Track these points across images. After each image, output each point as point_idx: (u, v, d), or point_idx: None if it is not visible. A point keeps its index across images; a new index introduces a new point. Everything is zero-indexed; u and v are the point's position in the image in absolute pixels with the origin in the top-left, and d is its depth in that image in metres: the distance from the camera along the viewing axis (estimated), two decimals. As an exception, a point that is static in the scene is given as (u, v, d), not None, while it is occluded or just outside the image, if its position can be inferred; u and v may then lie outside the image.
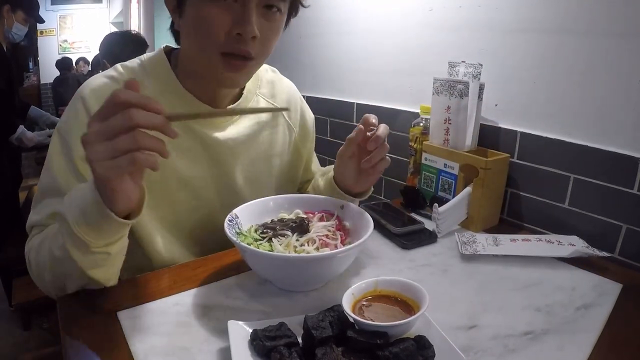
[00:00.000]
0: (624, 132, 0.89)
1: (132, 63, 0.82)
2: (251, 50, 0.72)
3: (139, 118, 0.50)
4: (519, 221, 1.07)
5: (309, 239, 0.72)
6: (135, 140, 0.50)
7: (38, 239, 0.71)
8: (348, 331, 0.55)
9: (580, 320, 0.67)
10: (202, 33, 0.71)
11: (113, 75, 0.79)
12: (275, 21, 0.74)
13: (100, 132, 0.50)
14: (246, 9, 0.69)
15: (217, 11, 0.69)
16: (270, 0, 0.71)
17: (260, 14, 0.71)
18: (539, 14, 0.99)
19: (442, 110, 1.06)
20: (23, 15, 2.23)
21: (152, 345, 0.59)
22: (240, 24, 0.69)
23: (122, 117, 0.49)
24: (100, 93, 0.76)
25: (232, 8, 0.69)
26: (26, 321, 2.09)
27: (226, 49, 0.71)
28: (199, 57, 0.75)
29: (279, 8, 0.73)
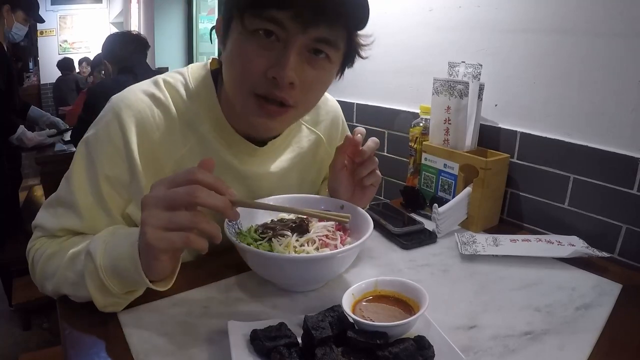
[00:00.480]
0: (624, 132, 0.89)
1: (175, 80, 0.77)
2: (288, 98, 0.65)
3: (203, 197, 0.51)
4: (519, 221, 1.07)
5: (309, 239, 0.72)
6: (193, 220, 0.51)
7: (49, 249, 0.69)
8: (348, 331, 0.55)
9: (580, 320, 0.67)
10: (237, 70, 0.66)
11: (154, 93, 0.74)
12: (321, 69, 0.66)
13: (163, 199, 0.52)
14: (286, 51, 0.62)
15: (256, 48, 0.63)
16: (317, 45, 0.63)
17: (305, 59, 0.64)
18: (538, 14, 0.99)
19: (442, 111, 1.06)
20: (23, 15, 2.23)
21: (152, 345, 0.59)
22: (277, 67, 0.62)
23: (187, 191, 0.51)
24: (138, 111, 0.72)
25: (273, 47, 0.62)
26: (26, 321, 2.09)
27: (260, 91, 0.65)
28: (234, 95, 0.70)
29: (328, 55, 0.65)
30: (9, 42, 2.28)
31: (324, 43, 0.64)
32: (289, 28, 0.61)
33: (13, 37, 2.25)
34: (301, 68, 0.64)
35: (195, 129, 0.76)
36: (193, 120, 0.76)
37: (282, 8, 0.60)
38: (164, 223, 0.51)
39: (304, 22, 0.60)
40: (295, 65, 0.62)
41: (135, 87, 0.76)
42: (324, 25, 0.62)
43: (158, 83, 0.76)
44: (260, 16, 0.61)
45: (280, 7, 0.60)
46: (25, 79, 5.69)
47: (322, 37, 0.63)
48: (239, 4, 0.63)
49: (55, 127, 2.55)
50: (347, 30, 0.66)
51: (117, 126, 0.71)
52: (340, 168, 0.80)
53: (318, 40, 0.63)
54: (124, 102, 0.73)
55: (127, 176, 0.72)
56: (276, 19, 0.61)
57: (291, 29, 0.61)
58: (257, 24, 0.62)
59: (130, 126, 0.71)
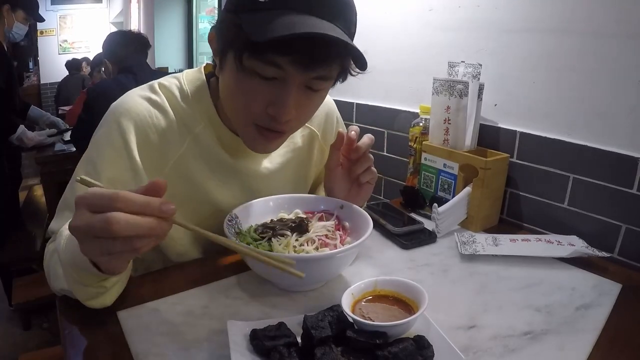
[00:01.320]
0: (624, 132, 0.89)
1: (171, 83, 0.78)
2: (287, 128, 0.69)
3: (120, 229, 0.44)
4: (518, 221, 1.07)
5: (309, 239, 0.72)
6: (132, 246, 0.46)
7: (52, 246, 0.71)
8: (347, 331, 0.55)
9: (580, 320, 0.67)
10: (237, 104, 0.69)
11: (150, 97, 0.76)
12: (317, 98, 0.70)
13: (85, 229, 0.46)
14: (284, 91, 0.64)
15: (255, 86, 0.64)
16: (314, 81, 0.65)
17: (302, 93, 0.66)
18: (538, 14, 0.99)
19: (441, 110, 1.06)
20: (23, 14, 2.23)
21: (152, 345, 0.59)
22: (276, 106, 0.64)
23: (103, 223, 0.44)
24: (137, 114, 0.74)
25: (271, 85, 0.64)
26: (26, 321, 2.09)
27: (260, 123, 0.68)
28: (235, 121, 0.73)
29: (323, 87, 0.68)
30: (9, 41, 2.27)
31: (321, 79, 0.66)
32: (289, 71, 0.62)
33: (13, 37, 2.25)
34: (298, 102, 0.66)
35: (191, 129, 0.77)
36: (189, 121, 0.77)
37: (284, 54, 0.60)
38: (105, 251, 0.46)
39: (303, 65, 0.62)
40: (293, 102, 0.65)
41: (132, 92, 0.78)
42: (322, 67, 0.64)
43: (154, 87, 0.78)
44: (260, 59, 0.62)
45: (281, 54, 0.60)
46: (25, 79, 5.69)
47: (319, 75, 0.65)
48: (237, 45, 0.62)
49: (55, 127, 2.55)
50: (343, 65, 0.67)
51: (117, 130, 0.73)
52: (335, 166, 0.81)
53: (315, 78, 0.65)
54: (123, 107, 0.75)
55: (129, 174, 0.73)
56: (275, 63, 0.61)
57: (291, 72, 0.62)
58: (255, 65, 0.62)
59: (130, 128, 0.73)
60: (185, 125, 0.77)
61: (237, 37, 0.61)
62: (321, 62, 0.63)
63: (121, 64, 2.07)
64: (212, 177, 0.80)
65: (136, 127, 0.74)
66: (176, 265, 0.81)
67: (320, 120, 0.95)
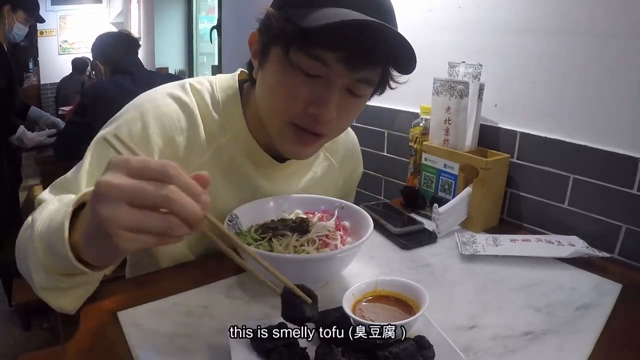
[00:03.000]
0: (624, 132, 0.89)
1: (203, 87, 0.76)
2: (325, 130, 0.67)
3: (178, 206, 0.39)
4: (518, 221, 1.07)
5: (309, 239, 0.72)
6: (170, 227, 0.40)
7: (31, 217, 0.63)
8: (348, 331, 0.55)
9: (580, 320, 0.67)
10: (277, 100, 0.66)
11: (181, 97, 0.74)
12: (358, 104, 0.69)
13: (130, 194, 0.39)
14: (328, 90, 0.63)
15: (298, 82, 0.63)
16: (357, 85, 0.65)
17: (343, 95, 0.65)
18: (538, 14, 0.99)
19: (442, 111, 1.06)
20: (24, 15, 2.22)
21: (152, 345, 0.59)
22: (319, 104, 0.63)
23: (162, 193, 0.39)
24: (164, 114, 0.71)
25: (315, 83, 0.63)
26: (26, 321, 2.09)
27: (299, 123, 0.66)
28: (269, 121, 0.70)
29: (364, 94, 0.68)
30: (9, 42, 2.27)
31: (364, 83, 0.66)
32: (335, 69, 0.62)
33: (14, 37, 2.24)
34: (339, 104, 0.65)
35: (217, 139, 0.76)
36: (216, 130, 0.75)
37: (333, 50, 0.60)
38: (135, 225, 0.39)
39: (351, 64, 0.61)
40: (335, 102, 0.64)
41: (162, 89, 0.75)
42: (369, 68, 0.63)
43: (185, 87, 0.76)
44: (307, 53, 0.61)
45: (330, 49, 0.60)
46: (25, 79, 5.69)
47: (363, 78, 0.64)
48: (286, 36, 0.61)
49: (55, 127, 2.55)
50: (385, 68, 0.67)
51: (140, 126, 0.70)
52: None
53: (359, 80, 0.65)
54: (152, 103, 0.72)
55: None
56: (323, 59, 0.61)
57: (337, 69, 0.62)
58: (302, 60, 0.62)
59: (155, 129, 0.71)
60: (212, 134, 0.75)
61: (285, 29, 0.60)
62: (368, 61, 0.62)
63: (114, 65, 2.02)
64: (229, 190, 0.79)
65: (162, 128, 0.71)
66: (176, 265, 0.81)
67: (342, 154, 0.95)
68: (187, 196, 0.40)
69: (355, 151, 1.00)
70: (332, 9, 0.57)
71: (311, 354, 0.54)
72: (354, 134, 1.01)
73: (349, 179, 1.00)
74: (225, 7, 2.49)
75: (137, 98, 0.74)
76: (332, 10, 0.57)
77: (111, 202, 0.38)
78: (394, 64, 0.66)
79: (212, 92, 0.77)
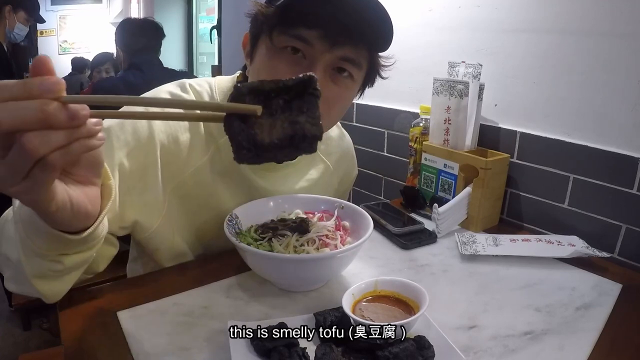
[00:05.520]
0: (624, 132, 0.89)
1: (202, 88, 0.78)
2: None
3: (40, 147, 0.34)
4: (518, 221, 1.07)
5: (309, 239, 0.72)
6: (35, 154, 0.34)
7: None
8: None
9: (580, 320, 0.67)
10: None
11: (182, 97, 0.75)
12: (344, 87, 0.69)
13: None
14: (313, 68, 0.64)
15: (283, 64, 0.65)
16: (342, 63, 0.66)
17: (330, 76, 0.66)
18: (538, 14, 0.99)
19: (442, 111, 1.06)
20: (24, 15, 2.23)
21: (152, 345, 0.59)
22: None
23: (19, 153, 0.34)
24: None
25: (300, 63, 0.65)
26: (26, 321, 2.08)
27: None
28: None
29: (351, 74, 0.68)
30: (9, 42, 2.28)
31: (348, 62, 0.67)
32: (316, 46, 0.64)
33: (14, 37, 2.25)
34: (326, 85, 0.66)
35: (216, 139, 0.77)
36: (215, 130, 0.77)
37: (311, 27, 0.62)
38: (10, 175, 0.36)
39: (330, 41, 0.63)
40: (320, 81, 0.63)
41: (163, 87, 0.77)
42: (349, 45, 0.65)
43: (185, 87, 0.77)
44: (288, 33, 0.63)
45: (308, 27, 0.62)
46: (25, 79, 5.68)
47: (346, 56, 0.66)
48: (268, 22, 0.65)
49: None
50: (370, 51, 0.69)
51: (146, 122, 0.72)
52: None
53: (343, 59, 0.66)
54: None
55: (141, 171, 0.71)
56: (304, 37, 0.63)
57: (318, 47, 0.64)
58: (285, 40, 0.64)
59: (160, 126, 0.72)
60: (211, 134, 0.77)
61: (267, 15, 0.64)
62: (349, 38, 0.64)
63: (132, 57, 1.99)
64: (227, 190, 0.80)
65: (167, 126, 0.73)
66: (176, 265, 0.81)
67: (337, 157, 0.96)
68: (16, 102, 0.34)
69: (350, 154, 1.02)
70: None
71: (311, 354, 0.54)
72: (349, 137, 1.02)
73: (343, 181, 1.01)
74: (225, 7, 2.49)
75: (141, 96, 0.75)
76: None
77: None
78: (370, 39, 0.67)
79: (211, 93, 0.78)
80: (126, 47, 2.04)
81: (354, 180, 1.07)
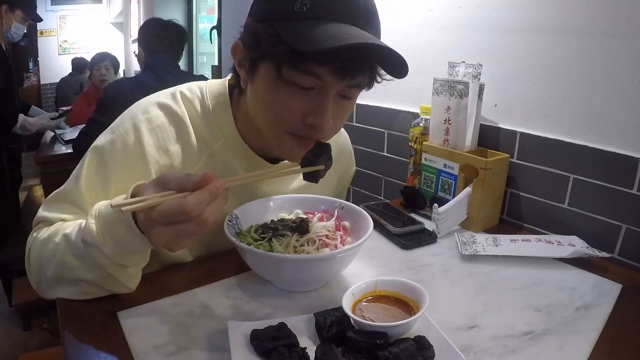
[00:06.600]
0: (624, 132, 0.89)
1: (193, 95, 0.78)
2: (322, 136, 0.69)
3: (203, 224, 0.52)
4: (518, 221, 1.07)
5: (309, 239, 0.72)
6: (200, 228, 0.52)
7: (47, 232, 0.69)
8: (348, 331, 0.55)
9: (580, 320, 0.67)
10: (273, 114, 0.67)
11: (171, 107, 0.76)
12: (350, 105, 0.70)
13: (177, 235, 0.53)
14: (323, 101, 0.64)
15: (293, 96, 0.64)
16: (346, 92, 0.66)
17: (336, 101, 0.66)
18: (539, 14, 0.99)
19: (442, 111, 1.06)
20: (22, 14, 2.22)
21: (152, 345, 0.59)
22: (316, 115, 0.64)
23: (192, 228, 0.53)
24: (157, 125, 0.74)
25: (309, 95, 0.64)
26: (26, 321, 2.09)
27: (298, 132, 0.67)
28: (267, 132, 0.71)
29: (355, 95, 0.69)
30: (7, 42, 2.27)
31: (355, 87, 0.67)
32: (326, 80, 0.62)
33: (12, 37, 2.24)
34: (334, 110, 0.66)
35: (209, 145, 0.77)
36: (208, 137, 0.77)
37: (324, 65, 0.60)
38: (172, 237, 0.53)
39: (343, 74, 0.62)
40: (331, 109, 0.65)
41: (152, 98, 0.77)
42: (359, 75, 0.64)
43: (175, 96, 0.77)
44: (298, 69, 0.61)
45: (321, 64, 0.60)
46: (25, 79, 5.68)
47: (354, 84, 0.65)
48: (275, 55, 0.61)
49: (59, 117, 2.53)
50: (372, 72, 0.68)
51: (135, 138, 0.72)
52: None
53: (350, 86, 0.66)
54: (144, 115, 0.74)
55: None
56: (315, 73, 0.61)
57: (329, 81, 0.62)
58: (294, 76, 0.62)
59: (149, 140, 0.73)
60: (204, 141, 0.77)
61: (275, 47, 0.60)
62: (359, 70, 0.64)
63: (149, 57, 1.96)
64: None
65: (155, 138, 0.73)
66: (176, 265, 0.81)
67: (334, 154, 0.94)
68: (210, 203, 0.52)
69: (347, 150, 1.02)
70: (323, 26, 0.57)
71: (311, 354, 0.54)
72: (345, 133, 1.02)
73: (342, 178, 1.02)
74: (225, 7, 2.49)
75: (130, 108, 0.76)
76: (323, 28, 0.57)
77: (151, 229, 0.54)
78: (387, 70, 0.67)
79: (203, 99, 0.78)
80: (146, 47, 2.01)
81: (352, 176, 1.07)
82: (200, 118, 0.77)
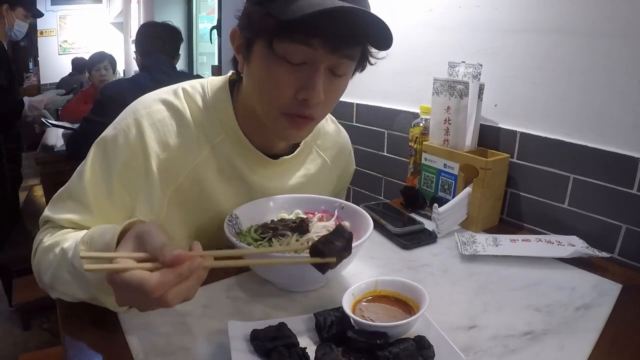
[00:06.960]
0: (624, 132, 0.89)
1: (195, 91, 0.79)
2: (314, 113, 0.70)
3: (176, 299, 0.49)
4: (518, 221, 1.07)
5: (309, 239, 0.72)
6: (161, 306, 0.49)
7: (50, 240, 0.69)
8: (348, 331, 0.55)
9: (580, 320, 0.67)
10: (266, 92, 0.69)
11: (172, 102, 0.76)
12: (341, 84, 0.71)
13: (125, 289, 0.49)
14: (314, 75, 0.65)
15: (284, 72, 0.66)
16: (338, 68, 0.68)
17: (328, 76, 0.68)
18: (539, 14, 0.99)
19: (442, 111, 1.06)
20: (23, 11, 2.22)
21: (152, 345, 0.59)
22: (307, 89, 0.66)
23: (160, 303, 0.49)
24: (158, 120, 0.74)
25: (299, 71, 0.66)
26: (26, 321, 2.08)
27: (289, 110, 0.69)
28: (262, 112, 0.72)
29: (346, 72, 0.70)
30: (9, 40, 2.27)
31: (346, 59, 0.67)
32: (317, 51, 0.64)
33: (15, 35, 2.23)
34: (325, 86, 0.67)
35: (210, 140, 0.78)
36: (209, 132, 0.77)
37: (313, 36, 0.62)
38: (135, 304, 0.51)
39: (332, 46, 0.64)
40: (322, 85, 0.66)
41: (154, 94, 0.78)
42: (349, 47, 0.66)
43: (177, 92, 0.78)
44: (289, 39, 0.63)
45: (310, 34, 0.62)
46: (25, 79, 5.68)
47: (345, 56, 0.66)
48: (269, 30, 0.64)
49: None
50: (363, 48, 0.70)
51: (136, 132, 0.73)
52: None
53: (340, 59, 0.67)
54: (145, 110, 0.75)
55: (141, 181, 0.73)
56: (304, 42, 0.63)
57: (319, 53, 0.64)
58: (285, 49, 0.64)
59: (150, 134, 0.73)
60: (205, 135, 0.77)
61: (266, 23, 0.63)
62: (346, 41, 0.65)
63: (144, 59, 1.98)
64: (224, 189, 0.80)
65: (157, 133, 0.74)
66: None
67: (334, 152, 0.96)
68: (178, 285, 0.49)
69: (347, 149, 1.02)
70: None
71: (311, 354, 0.54)
72: (345, 132, 1.02)
73: (342, 177, 1.02)
74: (225, 7, 2.49)
75: (132, 104, 0.77)
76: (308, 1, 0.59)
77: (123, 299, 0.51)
78: (372, 42, 0.68)
79: (204, 94, 0.79)
80: (141, 50, 2.03)
81: (352, 174, 1.07)
82: (201, 113, 0.77)
